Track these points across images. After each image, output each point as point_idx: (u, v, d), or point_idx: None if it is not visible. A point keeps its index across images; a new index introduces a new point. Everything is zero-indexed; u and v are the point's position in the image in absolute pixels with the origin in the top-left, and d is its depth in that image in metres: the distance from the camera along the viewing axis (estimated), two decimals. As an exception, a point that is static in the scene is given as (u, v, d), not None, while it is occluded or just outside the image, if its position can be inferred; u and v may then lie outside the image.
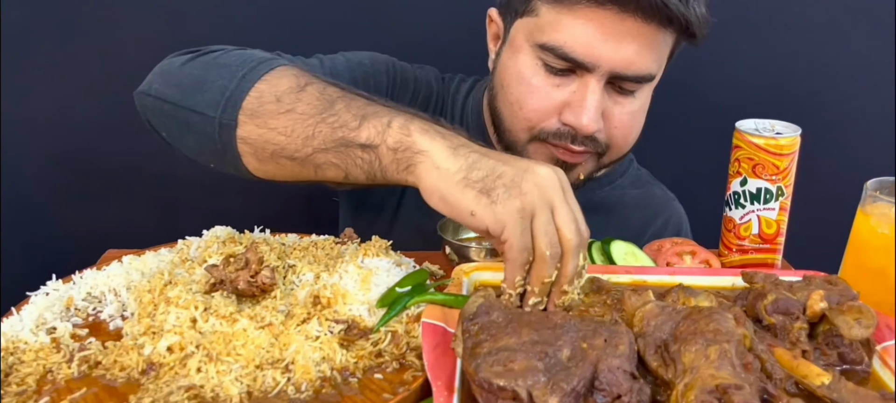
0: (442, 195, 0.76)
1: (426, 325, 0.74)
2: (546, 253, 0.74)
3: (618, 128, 1.02)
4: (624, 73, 0.95)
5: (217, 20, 1.45)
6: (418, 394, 0.71)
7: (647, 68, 0.96)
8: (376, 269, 0.88)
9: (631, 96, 1.01)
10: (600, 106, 0.97)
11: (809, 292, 0.73)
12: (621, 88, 0.99)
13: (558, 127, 1.00)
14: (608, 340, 0.65)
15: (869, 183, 0.87)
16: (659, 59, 0.98)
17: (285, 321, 0.77)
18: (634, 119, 1.03)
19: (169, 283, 0.83)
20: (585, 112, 0.96)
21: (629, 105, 1.01)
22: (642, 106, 1.04)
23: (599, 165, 1.08)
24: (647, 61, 0.95)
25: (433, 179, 0.76)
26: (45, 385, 0.71)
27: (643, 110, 1.05)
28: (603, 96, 0.98)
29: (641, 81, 0.98)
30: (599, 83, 0.96)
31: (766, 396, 0.62)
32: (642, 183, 1.29)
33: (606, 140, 1.02)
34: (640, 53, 0.94)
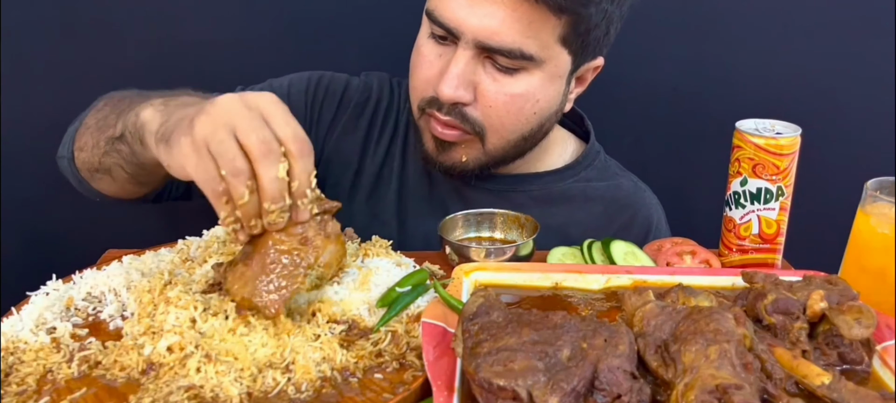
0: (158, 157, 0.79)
1: (426, 325, 0.74)
2: (223, 172, 0.70)
3: (492, 107, 0.99)
4: (488, 42, 0.93)
5: (217, 20, 1.45)
6: (418, 394, 0.71)
7: (513, 41, 0.93)
8: (376, 269, 0.88)
9: (511, 77, 0.98)
10: (466, 76, 0.96)
11: (809, 292, 0.73)
12: (500, 66, 0.97)
13: (432, 95, 1.00)
14: (608, 340, 0.65)
15: (869, 183, 0.87)
16: (532, 35, 0.94)
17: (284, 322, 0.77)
18: (513, 102, 0.99)
19: (169, 283, 0.83)
20: (446, 79, 0.96)
21: (508, 85, 0.98)
22: (529, 92, 0.99)
23: (488, 154, 1.05)
24: (514, 34, 0.93)
25: (151, 145, 0.80)
26: (45, 385, 0.71)
27: (531, 98, 1.00)
28: (472, 67, 0.96)
29: (513, 57, 0.94)
30: (466, 52, 0.95)
31: (766, 396, 0.62)
32: (609, 175, 1.22)
33: (480, 119, 1.00)
34: (506, 23, 0.92)
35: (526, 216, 1.04)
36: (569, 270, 0.89)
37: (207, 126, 0.71)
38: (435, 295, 0.82)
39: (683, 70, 1.51)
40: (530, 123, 1.04)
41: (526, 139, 1.06)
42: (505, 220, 1.06)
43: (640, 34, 1.47)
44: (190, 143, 0.72)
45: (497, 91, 0.98)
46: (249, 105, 0.73)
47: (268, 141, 0.71)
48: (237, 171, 0.71)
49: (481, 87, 0.98)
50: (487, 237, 1.07)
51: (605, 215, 1.17)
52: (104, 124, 0.93)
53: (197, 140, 0.71)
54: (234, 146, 0.71)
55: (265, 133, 0.71)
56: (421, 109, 1.04)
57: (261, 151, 0.71)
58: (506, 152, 1.07)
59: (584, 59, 1.03)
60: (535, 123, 1.04)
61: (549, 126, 1.09)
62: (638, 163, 1.33)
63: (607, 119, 1.45)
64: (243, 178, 0.71)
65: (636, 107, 1.53)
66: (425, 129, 1.06)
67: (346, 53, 1.46)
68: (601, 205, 1.18)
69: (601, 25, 0.98)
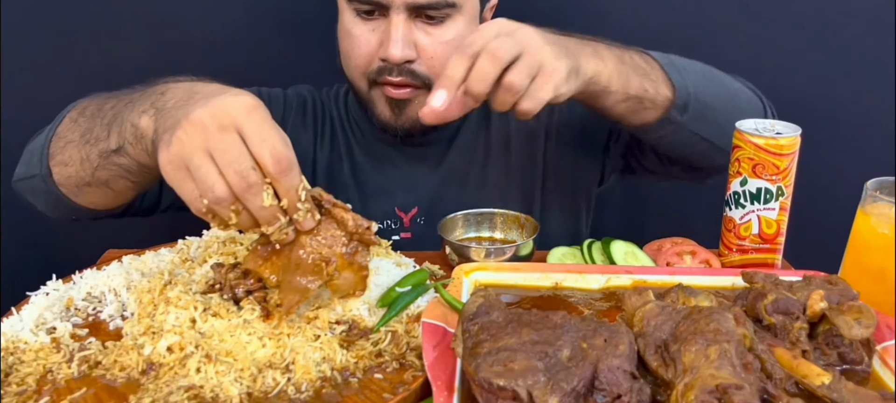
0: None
1: (426, 325, 0.74)
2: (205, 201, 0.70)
3: (434, 57, 1.07)
4: (418, 1, 1.03)
5: (216, 20, 1.45)
6: (418, 394, 0.71)
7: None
8: (376, 269, 0.88)
9: (441, 26, 1.07)
10: (408, 36, 1.05)
11: (809, 292, 0.73)
12: (429, 18, 1.06)
13: (380, 65, 1.08)
14: (608, 340, 0.65)
15: (869, 183, 0.87)
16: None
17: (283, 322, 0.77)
18: (449, 47, 1.07)
19: (169, 283, 0.83)
20: (393, 43, 1.04)
21: (441, 34, 1.07)
22: (459, 36, 1.08)
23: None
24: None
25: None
26: (45, 385, 0.71)
27: (458, 42, 1.03)
28: (408, 27, 1.05)
29: (440, 7, 1.04)
30: (400, 15, 1.04)
31: (766, 396, 0.62)
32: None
33: (425, 72, 1.08)
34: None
35: (526, 216, 1.05)
36: (569, 270, 0.89)
37: (185, 146, 0.70)
38: (435, 295, 0.82)
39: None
40: None
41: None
42: (505, 220, 1.06)
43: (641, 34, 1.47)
44: (169, 161, 0.71)
45: (434, 42, 1.07)
46: (224, 125, 0.71)
47: (246, 174, 0.70)
48: (218, 200, 0.70)
49: (420, 43, 1.07)
50: (487, 237, 1.07)
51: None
52: (92, 137, 0.90)
53: (174, 160, 0.71)
54: (212, 173, 0.70)
55: (242, 164, 0.70)
56: (371, 81, 1.11)
57: (241, 186, 0.70)
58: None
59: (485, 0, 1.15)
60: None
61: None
62: (638, 163, 1.33)
63: (607, 119, 1.45)
64: (226, 204, 0.71)
65: (636, 107, 1.53)
66: (378, 99, 1.12)
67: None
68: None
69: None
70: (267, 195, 0.71)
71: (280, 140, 0.72)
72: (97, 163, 0.90)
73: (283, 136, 0.73)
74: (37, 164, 0.98)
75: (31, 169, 0.99)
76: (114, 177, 0.91)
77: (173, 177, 0.72)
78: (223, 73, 1.45)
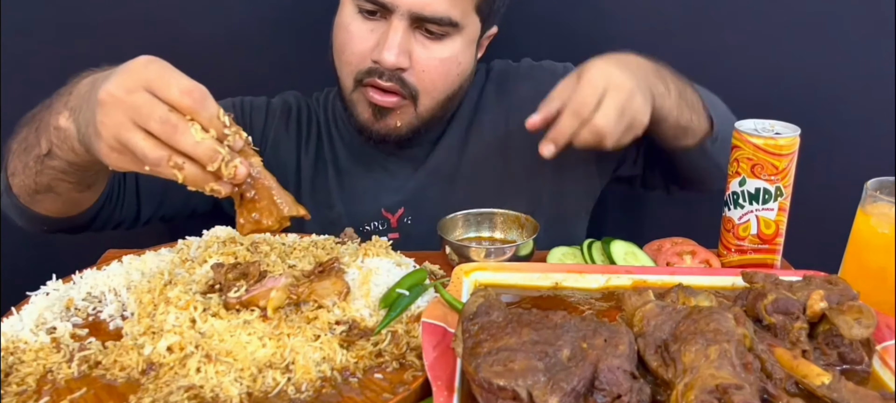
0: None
1: (426, 325, 0.74)
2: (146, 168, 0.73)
3: (425, 71, 1.08)
4: (422, 12, 1.03)
5: (216, 20, 1.45)
6: (418, 394, 0.71)
7: (444, 11, 1.04)
8: (376, 269, 0.88)
9: (439, 42, 1.08)
10: (404, 45, 1.05)
11: (809, 292, 0.73)
12: (429, 32, 1.06)
13: (370, 66, 1.08)
14: (608, 340, 0.65)
15: (869, 183, 0.87)
16: (457, 3, 1.05)
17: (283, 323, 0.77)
18: (443, 65, 1.09)
19: (169, 283, 0.83)
20: (388, 48, 1.04)
21: (437, 51, 1.08)
22: (454, 56, 1.10)
23: (419, 118, 1.13)
24: (445, 4, 1.04)
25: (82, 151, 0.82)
26: (45, 385, 0.71)
27: (456, 61, 1.11)
28: (407, 36, 1.06)
29: (442, 24, 1.05)
30: (401, 22, 1.04)
31: (766, 396, 0.62)
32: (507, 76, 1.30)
33: (415, 83, 1.09)
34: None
35: (526, 216, 1.05)
36: (569, 270, 0.89)
37: (109, 127, 0.72)
38: (435, 295, 0.82)
39: (683, 70, 1.51)
40: (454, 84, 1.14)
41: (450, 99, 1.16)
42: (505, 220, 1.07)
43: (641, 34, 1.47)
44: (106, 151, 0.74)
45: (429, 57, 1.08)
46: (129, 87, 0.72)
47: (165, 118, 0.71)
48: (158, 160, 0.72)
49: (415, 54, 1.07)
50: (487, 237, 1.07)
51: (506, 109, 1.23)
52: (26, 145, 0.93)
53: (110, 144, 0.73)
54: (140, 138, 0.71)
55: (158, 111, 0.71)
56: (357, 81, 1.10)
57: (167, 132, 0.71)
58: (433, 113, 1.15)
59: (487, 26, 1.17)
60: (457, 84, 1.15)
61: (467, 87, 1.20)
62: (638, 163, 1.33)
63: (607, 119, 1.45)
64: (165, 163, 0.72)
65: (636, 107, 1.53)
66: (360, 100, 1.12)
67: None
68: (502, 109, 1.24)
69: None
70: (195, 130, 0.72)
71: (184, 77, 0.74)
72: (36, 169, 0.92)
73: (186, 77, 0.75)
74: (3, 179, 1.01)
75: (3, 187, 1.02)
76: (54, 180, 0.93)
77: (117, 163, 0.74)
78: (223, 73, 1.46)
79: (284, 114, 1.27)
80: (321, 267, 0.86)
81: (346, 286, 0.83)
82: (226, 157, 0.73)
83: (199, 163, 0.73)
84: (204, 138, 0.72)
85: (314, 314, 0.80)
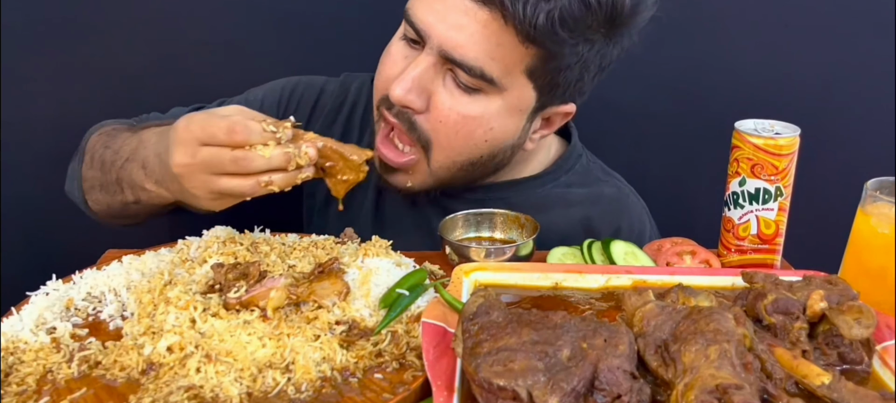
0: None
1: (426, 325, 0.74)
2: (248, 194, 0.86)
3: (442, 122, 0.96)
4: (452, 54, 0.91)
5: (217, 20, 1.45)
6: (418, 394, 0.71)
7: (476, 58, 0.91)
8: (376, 269, 0.88)
9: (468, 96, 0.95)
10: (422, 82, 0.94)
11: (809, 292, 0.73)
12: (460, 82, 0.95)
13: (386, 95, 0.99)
14: (608, 340, 0.65)
15: (869, 183, 0.87)
16: (498, 58, 0.92)
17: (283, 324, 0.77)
18: (465, 123, 0.96)
19: (169, 283, 0.83)
20: (401, 79, 0.94)
21: (463, 104, 0.95)
22: (482, 116, 0.96)
23: (435, 177, 1.03)
24: (478, 51, 0.91)
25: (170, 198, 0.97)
26: (45, 385, 0.71)
27: (481, 123, 0.97)
28: (432, 76, 0.95)
29: (473, 74, 0.92)
30: (428, 58, 0.94)
31: (766, 396, 0.62)
32: (591, 180, 1.18)
33: (428, 131, 0.97)
34: (473, 38, 0.90)
35: (526, 216, 1.04)
36: (569, 270, 0.89)
37: (200, 187, 0.86)
38: (435, 295, 0.82)
39: (683, 70, 1.51)
40: (480, 150, 1.01)
41: (474, 165, 1.03)
42: (505, 220, 1.06)
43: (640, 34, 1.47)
44: (206, 201, 0.88)
45: (451, 106, 0.96)
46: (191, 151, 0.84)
47: (234, 159, 0.83)
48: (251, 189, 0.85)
49: (436, 98, 0.96)
50: (487, 237, 1.07)
51: (585, 223, 1.14)
52: (110, 190, 1.04)
53: (207, 197, 0.87)
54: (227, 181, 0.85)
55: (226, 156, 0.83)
56: (378, 108, 1.02)
57: (241, 166, 0.83)
58: (453, 176, 1.04)
59: (551, 100, 1.00)
60: (485, 151, 1.01)
61: (503, 158, 1.06)
62: (638, 163, 1.33)
63: (607, 119, 1.45)
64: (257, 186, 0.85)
65: (636, 107, 1.53)
66: (380, 131, 1.03)
67: (348, 53, 1.46)
68: (581, 211, 1.14)
69: (574, 69, 0.95)
70: (264, 149, 0.84)
71: (222, 120, 0.84)
72: (120, 208, 1.05)
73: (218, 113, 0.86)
74: (77, 190, 1.11)
75: (74, 192, 1.12)
76: (141, 212, 1.06)
77: (221, 205, 0.89)
78: (223, 73, 1.46)
79: (333, 112, 1.21)
80: (321, 267, 0.86)
81: (346, 286, 0.83)
82: (293, 152, 0.85)
83: (280, 170, 0.85)
84: (270, 151, 0.84)
85: (314, 314, 0.79)
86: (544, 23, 0.87)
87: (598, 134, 1.26)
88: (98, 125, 1.17)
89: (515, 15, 0.87)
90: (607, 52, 0.98)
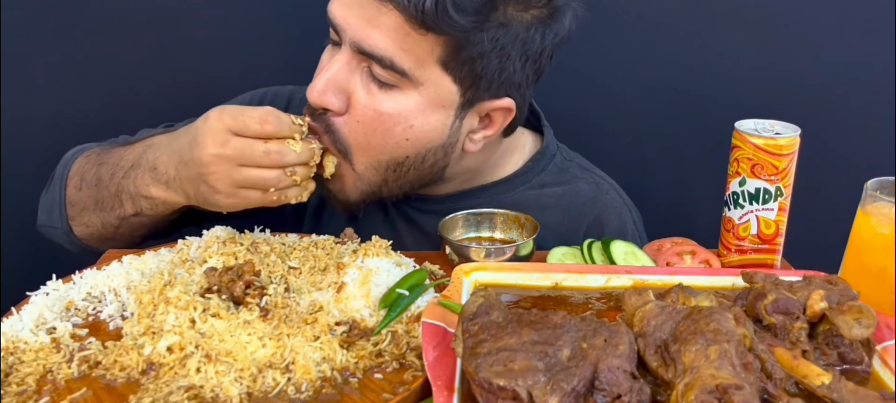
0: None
1: (426, 325, 0.74)
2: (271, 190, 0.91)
3: (360, 122, 0.94)
4: (362, 45, 0.89)
5: (216, 20, 1.45)
6: (418, 394, 0.71)
7: (386, 49, 0.89)
8: (376, 269, 0.88)
9: (385, 92, 0.93)
10: (339, 81, 0.93)
11: (809, 292, 0.73)
12: (376, 77, 0.92)
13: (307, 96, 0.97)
14: (608, 340, 0.65)
15: (869, 183, 0.87)
16: (407, 49, 0.89)
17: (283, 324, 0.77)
18: (381, 120, 0.94)
19: (169, 283, 0.83)
20: (316, 79, 0.94)
21: (380, 101, 0.93)
22: (398, 113, 0.93)
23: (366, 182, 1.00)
24: (388, 42, 0.88)
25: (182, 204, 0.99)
26: (45, 385, 0.71)
27: (399, 120, 0.94)
28: (347, 73, 0.93)
29: (385, 66, 0.90)
30: (344, 55, 0.92)
31: (766, 396, 0.62)
32: (567, 178, 1.15)
33: (347, 134, 0.95)
34: (381, 29, 0.88)
35: (526, 216, 1.04)
36: (569, 270, 0.89)
37: (224, 178, 0.88)
38: (435, 295, 0.82)
39: (683, 70, 1.51)
40: (403, 149, 0.97)
41: (401, 166, 0.99)
42: (505, 220, 1.06)
43: (640, 34, 1.47)
44: (224, 197, 0.89)
45: (367, 104, 0.93)
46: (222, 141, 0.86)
47: (267, 150, 0.87)
48: (276, 179, 0.89)
49: (354, 97, 0.94)
50: (487, 237, 1.07)
51: (563, 224, 1.10)
52: (106, 206, 1.02)
53: (227, 191, 0.89)
54: (255, 172, 0.88)
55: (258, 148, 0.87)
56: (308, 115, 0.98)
57: (273, 159, 0.88)
58: (384, 177, 1.00)
59: (477, 93, 0.96)
60: (410, 151, 0.98)
61: (437, 160, 1.01)
62: (638, 163, 1.33)
63: (607, 119, 1.46)
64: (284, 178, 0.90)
65: (636, 107, 1.53)
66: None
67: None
68: (557, 213, 1.11)
69: (491, 58, 0.92)
70: (295, 144, 0.89)
71: (254, 109, 0.87)
72: (117, 224, 1.03)
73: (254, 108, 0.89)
74: (58, 218, 1.08)
75: (53, 221, 1.09)
76: (134, 230, 1.04)
77: (233, 205, 0.91)
78: (223, 72, 1.46)
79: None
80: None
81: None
82: (316, 148, 0.93)
83: (304, 164, 0.91)
84: (299, 146, 0.89)
85: (314, 315, 0.80)
86: (432, 7, 0.84)
87: (599, 134, 1.26)
88: (74, 151, 1.13)
89: (400, 2, 0.86)
90: (531, 38, 0.94)
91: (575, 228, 1.11)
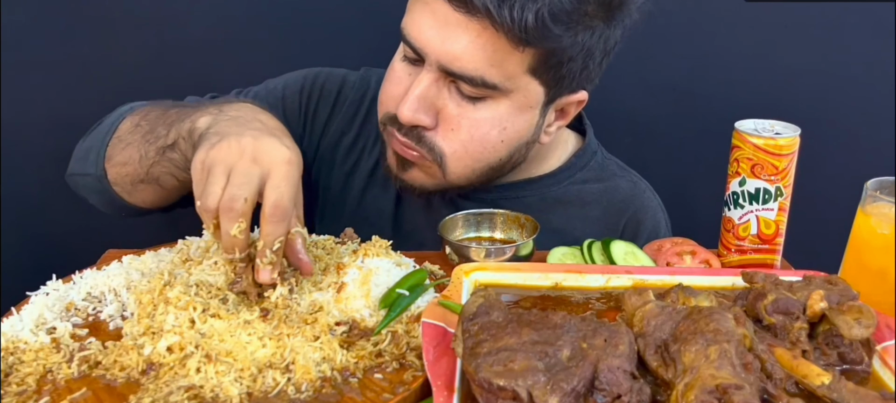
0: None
1: (426, 325, 0.74)
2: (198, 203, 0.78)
3: (454, 131, 0.97)
4: (450, 68, 0.91)
5: (216, 20, 1.45)
6: (418, 394, 0.71)
7: (476, 69, 0.91)
8: (376, 269, 0.88)
9: (474, 104, 0.96)
10: (427, 99, 0.95)
11: (809, 292, 0.73)
12: (464, 93, 0.95)
13: (394, 113, 0.99)
14: (608, 340, 0.65)
15: (869, 183, 0.87)
16: (496, 65, 0.91)
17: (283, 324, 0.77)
18: (477, 129, 0.97)
19: (169, 283, 0.83)
20: (406, 100, 0.95)
21: (472, 112, 0.96)
22: (493, 119, 0.97)
23: (450, 182, 1.03)
24: (477, 62, 0.90)
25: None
26: (45, 385, 0.71)
27: (494, 125, 0.97)
28: (434, 90, 0.95)
29: (475, 84, 0.92)
30: (429, 75, 0.94)
31: (766, 396, 0.62)
32: (606, 175, 1.18)
33: (440, 144, 0.98)
34: (469, 50, 0.90)
35: (526, 216, 1.04)
36: (569, 270, 0.89)
37: (219, 154, 0.78)
38: (435, 295, 0.82)
39: (683, 70, 1.51)
40: (498, 152, 1.01)
41: (493, 169, 1.04)
42: (505, 220, 1.06)
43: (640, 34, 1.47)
44: (201, 160, 0.79)
45: (460, 116, 0.96)
46: (258, 158, 0.78)
47: (235, 199, 0.75)
48: (206, 207, 0.77)
49: (444, 111, 0.96)
50: (487, 237, 1.07)
51: (603, 219, 1.14)
52: (153, 136, 0.97)
53: (206, 161, 0.79)
54: (218, 186, 0.76)
55: (240, 192, 0.75)
56: (382, 123, 1.03)
57: (224, 205, 0.76)
58: (469, 181, 1.04)
59: (560, 91, 1.00)
60: (503, 153, 1.02)
61: (520, 156, 1.06)
62: (638, 163, 1.33)
63: (607, 119, 1.45)
64: (210, 216, 0.77)
65: (636, 107, 1.53)
66: (387, 143, 1.05)
67: (348, 50, 1.47)
68: (598, 209, 1.15)
69: (577, 59, 0.95)
70: (237, 227, 0.76)
71: (289, 196, 0.78)
72: (153, 159, 0.96)
73: (295, 194, 0.79)
74: (93, 163, 1.03)
75: (86, 167, 1.04)
76: (165, 174, 0.97)
77: (197, 172, 0.79)
78: (224, 71, 1.46)
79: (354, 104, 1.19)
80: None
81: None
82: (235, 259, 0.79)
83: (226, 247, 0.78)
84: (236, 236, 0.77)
85: (313, 316, 0.80)
86: (534, 23, 0.86)
87: (599, 134, 1.26)
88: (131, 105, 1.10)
89: (503, 23, 0.86)
90: (610, 34, 0.97)
91: (614, 224, 1.15)
